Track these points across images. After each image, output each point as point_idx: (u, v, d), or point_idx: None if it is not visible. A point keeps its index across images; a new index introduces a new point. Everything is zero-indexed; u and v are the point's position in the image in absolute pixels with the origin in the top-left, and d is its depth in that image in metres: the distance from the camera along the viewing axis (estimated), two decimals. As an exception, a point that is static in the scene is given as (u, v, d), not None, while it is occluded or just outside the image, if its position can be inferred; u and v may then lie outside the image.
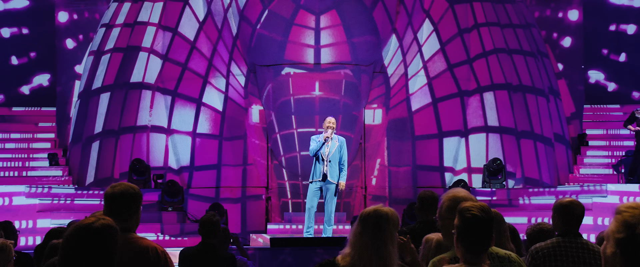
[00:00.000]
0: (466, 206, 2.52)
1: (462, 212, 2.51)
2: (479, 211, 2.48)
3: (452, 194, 2.81)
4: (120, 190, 2.87)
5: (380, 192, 10.78)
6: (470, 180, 10.70)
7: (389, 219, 2.71)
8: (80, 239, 2.25)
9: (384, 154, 10.90)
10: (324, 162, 7.89)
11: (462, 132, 10.93)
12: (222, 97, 10.92)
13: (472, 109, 10.97)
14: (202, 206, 10.08)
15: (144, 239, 2.87)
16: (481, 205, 2.52)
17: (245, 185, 10.76)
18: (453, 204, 2.73)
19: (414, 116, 10.93)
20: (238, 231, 10.35)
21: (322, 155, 7.88)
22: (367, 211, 2.72)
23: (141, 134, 10.77)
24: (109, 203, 2.87)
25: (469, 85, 11.02)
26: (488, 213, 2.49)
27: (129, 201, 2.86)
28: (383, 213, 2.70)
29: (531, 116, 11.05)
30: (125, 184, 2.92)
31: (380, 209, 2.72)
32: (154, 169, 10.54)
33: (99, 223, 2.28)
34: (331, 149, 7.96)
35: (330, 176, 7.93)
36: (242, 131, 10.88)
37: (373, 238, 2.63)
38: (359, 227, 2.68)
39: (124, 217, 2.85)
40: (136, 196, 2.89)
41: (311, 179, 8.00)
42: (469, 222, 2.48)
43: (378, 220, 2.67)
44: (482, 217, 2.47)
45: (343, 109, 10.67)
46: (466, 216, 2.49)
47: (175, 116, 10.86)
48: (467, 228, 2.48)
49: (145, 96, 10.84)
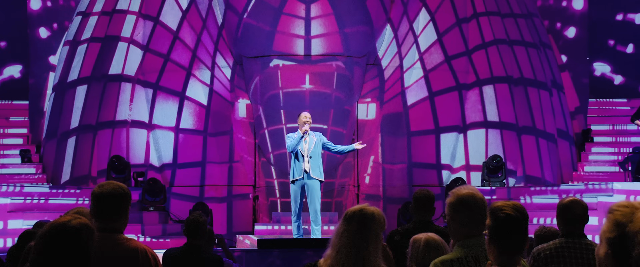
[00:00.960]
0: (498, 205, 2.48)
1: (494, 212, 2.47)
2: (513, 209, 2.45)
3: (455, 191, 2.78)
4: (108, 190, 2.89)
5: (374, 191, 10.80)
6: (469, 178, 10.74)
7: (375, 218, 2.68)
8: (56, 238, 2.25)
9: (377, 150, 10.92)
10: (304, 158, 7.88)
11: (460, 128, 10.95)
12: (206, 90, 10.92)
13: (470, 104, 10.99)
14: (186, 206, 10.12)
15: (133, 241, 2.90)
16: (514, 204, 2.49)
17: (231, 183, 10.76)
18: (456, 201, 2.71)
19: (409, 111, 10.95)
20: (224, 232, 10.36)
21: (301, 151, 7.89)
22: (352, 209, 2.72)
23: (120, 130, 10.75)
24: (96, 203, 2.89)
25: (467, 78, 11.03)
26: (522, 212, 2.47)
27: (118, 201, 2.88)
28: (368, 212, 2.68)
29: (533, 111, 11.09)
30: (113, 184, 2.94)
31: (366, 208, 2.70)
32: (134, 166, 10.51)
33: (76, 222, 2.28)
34: (310, 145, 7.95)
35: (312, 172, 7.92)
36: (227, 126, 10.88)
37: (355, 238, 2.62)
38: (342, 226, 2.68)
39: (112, 217, 2.88)
40: (125, 196, 2.91)
41: (291, 178, 7.98)
42: (503, 223, 2.43)
43: (363, 219, 2.65)
44: (516, 217, 2.44)
45: (335, 103, 10.70)
46: (499, 216, 2.44)
47: (157, 110, 10.85)
48: (500, 229, 2.43)
49: (125, 89, 10.83)
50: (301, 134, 7.86)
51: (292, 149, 7.90)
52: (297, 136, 7.91)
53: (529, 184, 10.69)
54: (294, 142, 7.87)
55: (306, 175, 7.93)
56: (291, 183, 8.04)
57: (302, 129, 7.90)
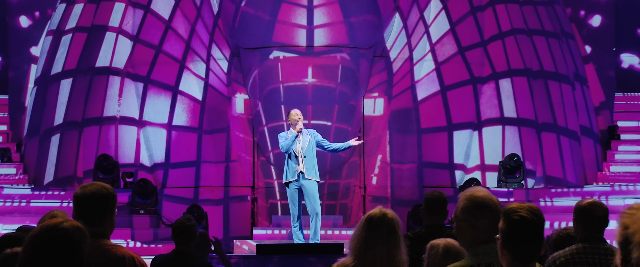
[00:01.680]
0: (513, 207, 2.48)
1: (508, 215, 2.48)
2: (528, 212, 2.47)
3: (469, 194, 2.77)
4: (91, 191, 2.87)
5: (382, 193, 10.82)
6: (484, 179, 10.74)
7: (398, 223, 2.76)
8: (48, 243, 2.22)
9: (385, 149, 10.93)
10: (298, 158, 7.89)
11: (475, 125, 10.95)
12: (201, 84, 10.93)
13: (486, 98, 10.98)
14: (179, 209, 10.09)
15: (119, 247, 2.88)
16: (529, 206, 2.50)
17: (228, 184, 10.79)
18: (469, 204, 2.71)
19: (419, 106, 10.95)
20: (220, 237, 10.34)
21: (294, 151, 7.91)
22: (375, 213, 2.76)
23: (108, 126, 10.74)
24: (78, 206, 2.86)
25: (482, 71, 11.03)
26: (538, 215, 2.48)
27: (102, 203, 2.86)
28: (394, 217, 2.76)
29: (554, 106, 11.06)
30: (97, 184, 2.92)
31: (387, 211, 2.77)
32: (124, 166, 10.50)
33: (68, 224, 2.26)
34: (304, 144, 7.96)
35: (307, 172, 7.92)
36: (224, 123, 10.89)
37: (387, 245, 2.68)
38: (367, 232, 2.70)
39: (96, 221, 2.85)
40: (110, 197, 2.89)
41: (285, 179, 8.00)
42: (517, 226, 2.45)
43: (391, 222, 2.71)
44: (531, 220, 2.45)
45: (339, 98, 10.70)
46: (513, 219, 2.45)
47: (148, 106, 10.84)
48: (514, 232, 2.45)
49: (113, 83, 10.81)
50: (295, 133, 7.84)
51: (287, 149, 7.92)
52: (291, 135, 7.90)
53: (549, 186, 10.68)
54: (289, 142, 7.89)
55: (301, 176, 7.93)
56: (286, 186, 8.06)
57: (297, 128, 7.90)
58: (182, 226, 4.60)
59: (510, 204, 2.51)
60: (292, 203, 7.96)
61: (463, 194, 2.79)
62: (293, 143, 7.89)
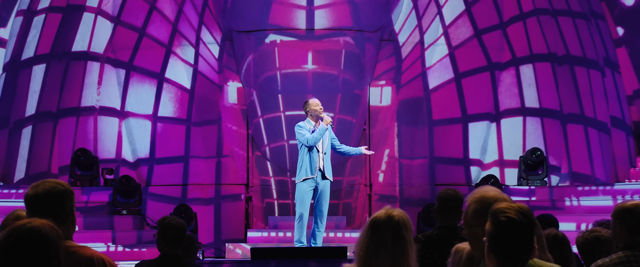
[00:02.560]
0: (500, 207, 2.53)
1: (495, 216, 2.52)
2: (517, 213, 2.50)
3: (479, 195, 2.81)
4: (45, 189, 2.87)
5: (389, 191, 10.82)
6: (503, 176, 10.75)
7: (407, 225, 2.76)
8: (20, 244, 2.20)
9: (393, 143, 10.93)
10: (319, 154, 7.83)
11: (493, 116, 10.96)
12: (190, 71, 10.92)
13: (505, 87, 11.00)
14: (165, 209, 10.11)
15: (86, 248, 2.87)
16: (519, 206, 2.53)
17: (219, 182, 10.78)
18: (481, 207, 2.72)
19: (431, 95, 10.95)
20: (211, 240, 10.36)
21: (316, 146, 7.87)
22: (379, 215, 2.76)
23: (87, 118, 10.75)
24: (32, 208, 2.86)
25: (501, 56, 11.04)
26: (528, 216, 2.51)
27: (57, 202, 2.86)
28: (401, 218, 2.75)
29: (581, 95, 11.09)
30: (50, 182, 2.92)
31: (394, 212, 2.77)
32: (104, 161, 10.55)
33: (39, 223, 2.24)
34: (324, 139, 7.94)
35: (327, 171, 7.91)
36: (215, 114, 10.89)
37: (392, 252, 2.68)
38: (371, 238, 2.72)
39: (53, 222, 2.74)
40: (66, 193, 2.89)
41: (302, 177, 7.92)
42: (504, 228, 2.49)
43: (396, 226, 2.71)
44: (520, 222, 2.48)
45: (342, 86, 10.70)
46: (500, 220, 2.50)
47: (131, 95, 10.85)
48: (501, 235, 2.50)
49: (92, 69, 10.83)
50: (325, 126, 7.83)
51: (315, 143, 7.86)
52: (319, 127, 7.84)
53: (575, 183, 10.71)
54: (317, 136, 7.82)
55: (319, 174, 7.89)
56: (300, 182, 7.97)
57: (326, 121, 7.85)
58: (170, 226, 4.54)
59: (499, 203, 2.54)
60: (301, 202, 7.92)
61: (471, 196, 2.81)
62: (321, 137, 7.85)
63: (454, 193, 4.50)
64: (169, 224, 4.55)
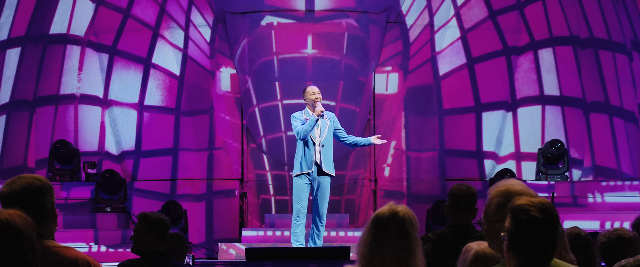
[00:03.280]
0: (521, 203, 2.52)
1: (515, 213, 2.52)
2: (539, 210, 2.50)
3: (503, 188, 2.80)
4: (21, 185, 2.87)
5: (396, 187, 10.79)
6: (520, 170, 10.74)
7: (413, 221, 2.80)
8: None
9: (400, 134, 10.91)
10: (315, 146, 7.79)
11: (509, 105, 10.94)
12: (179, 56, 10.91)
13: (522, 73, 10.97)
14: (153, 206, 10.05)
15: (69, 249, 2.90)
16: (541, 202, 2.53)
17: (211, 177, 10.77)
18: (505, 201, 2.71)
19: (441, 82, 10.93)
20: (202, 239, 10.36)
21: (312, 138, 7.81)
22: (383, 212, 2.80)
23: (66, 106, 10.73)
24: (8, 206, 2.85)
25: (518, 39, 11.00)
26: (551, 213, 2.51)
27: (37, 199, 2.87)
28: (407, 215, 2.79)
29: (606, 81, 11.04)
30: (26, 177, 2.93)
31: (399, 208, 2.81)
32: (85, 154, 10.52)
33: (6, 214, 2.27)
34: (322, 129, 7.89)
35: (325, 165, 7.85)
36: (207, 103, 10.88)
37: (398, 250, 2.73)
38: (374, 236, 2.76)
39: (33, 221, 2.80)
40: (44, 189, 2.90)
41: (298, 171, 7.91)
42: (526, 226, 2.50)
43: (402, 222, 2.76)
44: (542, 220, 2.49)
45: (345, 73, 10.70)
46: (521, 218, 2.50)
47: (115, 82, 10.83)
48: (522, 234, 2.50)
49: (72, 54, 10.79)
50: (315, 117, 7.81)
51: (305, 135, 7.84)
52: (310, 117, 7.82)
53: (599, 178, 10.70)
54: (307, 128, 7.80)
55: (317, 169, 7.84)
56: (295, 177, 7.98)
57: (317, 111, 7.79)
58: (154, 221, 4.60)
59: (519, 199, 2.55)
60: (298, 199, 7.92)
61: (495, 189, 2.82)
62: (312, 129, 7.76)
63: (467, 189, 4.50)
64: (157, 219, 4.60)
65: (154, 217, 4.62)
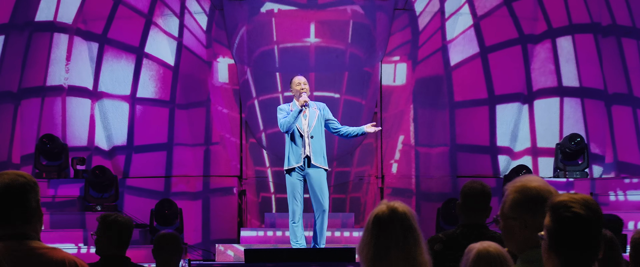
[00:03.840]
0: (562, 200, 2.51)
1: (557, 210, 2.50)
2: (582, 206, 2.48)
3: (520, 184, 2.82)
4: (4, 183, 2.89)
5: (404, 184, 10.78)
6: (536, 166, 10.72)
7: (413, 214, 2.83)
8: None
9: (409, 128, 10.92)
10: (303, 139, 7.79)
11: (525, 97, 10.93)
12: (173, 45, 10.91)
13: (539, 62, 10.95)
14: (145, 204, 10.12)
15: (56, 250, 2.92)
16: (583, 198, 2.51)
17: (208, 174, 10.78)
18: (522, 198, 2.74)
19: (453, 73, 10.93)
20: (198, 240, 10.40)
21: (299, 130, 7.79)
22: (381, 211, 2.82)
23: (53, 99, 10.74)
24: None
25: (535, 27, 10.97)
26: (595, 210, 2.50)
27: (21, 197, 2.89)
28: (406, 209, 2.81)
29: (629, 71, 10.99)
30: (9, 174, 2.94)
31: (396, 205, 2.84)
32: (74, 150, 10.51)
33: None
34: (311, 120, 7.86)
35: (315, 158, 7.81)
36: (203, 95, 10.89)
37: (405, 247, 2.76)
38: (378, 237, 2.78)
39: (17, 221, 2.89)
40: (29, 186, 2.91)
41: (287, 166, 7.91)
42: (569, 225, 2.47)
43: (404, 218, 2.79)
44: (587, 217, 2.47)
45: (350, 63, 10.73)
46: (564, 216, 2.48)
47: (105, 73, 10.84)
48: (565, 232, 2.48)
49: (59, 43, 10.79)
50: (299, 107, 7.73)
51: (288, 127, 7.83)
52: (293, 109, 7.79)
53: (622, 175, 10.67)
54: (290, 119, 7.79)
55: (306, 162, 7.82)
56: (286, 173, 7.97)
57: (300, 101, 7.79)
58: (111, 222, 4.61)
59: (560, 196, 2.54)
60: (293, 197, 7.90)
61: (512, 185, 2.83)
62: (295, 120, 7.76)
63: (480, 186, 4.50)
64: (115, 221, 4.62)
65: (111, 219, 4.65)
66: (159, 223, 9.60)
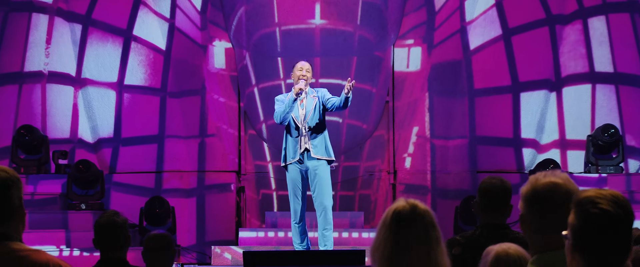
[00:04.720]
0: (589, 195, 2.49)
1: (583, 206, 2.48)
2: (611, 204, 2.46)
3: (533, 179, 2.82)
4: None
5: (418, 180, 10.78)
6: (565, 160, 10.72)
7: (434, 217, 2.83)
8: None
9: (424, 119, 10.94)
10: (301, 130, 7.76)
11: (552, 84, 10.91)
12: (165, 27, 10.94)
13: (569, 46, 10.93)
14: (134, 202, 10.17)
15: (39, 252, 2.92)
16: (612, 195, 2.49)
17: (203, 169, 10.81)
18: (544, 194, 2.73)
19: (472, 58, 10.93)
20: (193, 241, 10.36)
21: (295, 120, 7.77)
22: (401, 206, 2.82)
23: (32, 86, 10.77)
24: None
25: (564, 6, 10.96)
26: (625, 208, 2.48)
27: (2, 193, 2.89)
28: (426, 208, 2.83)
29: (669, 54, 11.01)
30: None
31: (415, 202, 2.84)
32: (55, 142, 10.51)
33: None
34: (308, 109, 7.82)
35: (315, 149, 7.79)
36: (198, 83, 10.91)
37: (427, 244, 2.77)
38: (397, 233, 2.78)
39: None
40: (11, 181, 2.91)
41: (284, 161, 7.90)
42: (596, 221, 2.45)
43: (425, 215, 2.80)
44: (616, 215, 2.45)
45: (359, 47, 10.71)
46: (591, 213, 2.46)
47: (89, 57, 10.87)
48: (591, 230, 2.46)
49: (38, 24, 10.81)
50: (293, 96, 7.66)
51: (282, 118, 7.80)
52: (289, 98, 7.75)
53: None
54: (285, 108, 7.75)
55: (306, 155, 7.80)
56: (284, 168, 7.98)
57: (296, 88, 7.76)
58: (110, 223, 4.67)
59: (586, 191, 2.53)
60: (294, 194, 7.92)
61: (533, 179, 2.84)
62: (291, 110, 7.69)
63: (500, 182, 4.50)
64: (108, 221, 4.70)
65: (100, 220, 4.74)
66: (149, 223, 9.61)
